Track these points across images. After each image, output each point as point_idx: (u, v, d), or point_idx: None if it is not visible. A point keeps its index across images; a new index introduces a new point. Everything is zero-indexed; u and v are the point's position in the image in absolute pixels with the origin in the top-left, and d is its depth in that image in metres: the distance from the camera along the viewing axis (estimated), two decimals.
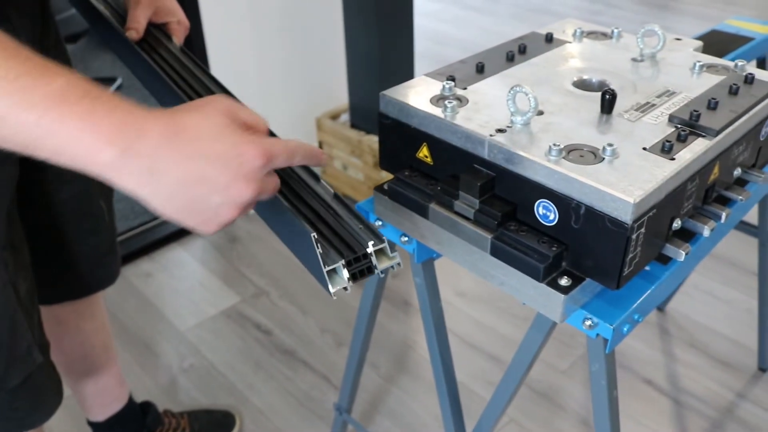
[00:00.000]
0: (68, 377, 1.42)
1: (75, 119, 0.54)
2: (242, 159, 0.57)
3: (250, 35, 2.25)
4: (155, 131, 0.56)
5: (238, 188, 0.57)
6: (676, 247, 0.75)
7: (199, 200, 0.57)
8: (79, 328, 1.36)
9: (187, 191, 0.56)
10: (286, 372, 1.85)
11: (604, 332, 0.74)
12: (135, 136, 0.55)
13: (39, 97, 0.53)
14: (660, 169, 0.69)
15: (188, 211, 0.58)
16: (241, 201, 0.58)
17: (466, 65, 0.91)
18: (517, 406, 1.73)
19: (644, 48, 0.95)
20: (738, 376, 1.81)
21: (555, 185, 0.69)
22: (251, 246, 2.35)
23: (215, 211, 0.58)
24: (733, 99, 0.82)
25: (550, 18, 4.51)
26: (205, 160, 0.56)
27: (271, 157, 0.59)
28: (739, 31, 1.45)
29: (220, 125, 0.58)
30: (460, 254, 0.80)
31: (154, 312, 2.07)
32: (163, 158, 0.56)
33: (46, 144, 0.54)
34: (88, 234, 1.23)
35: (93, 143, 0.54)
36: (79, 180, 1.17)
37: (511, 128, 0.76)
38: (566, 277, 0.72)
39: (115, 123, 0.55)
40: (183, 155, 0.56)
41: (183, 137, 0.56)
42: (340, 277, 0.63)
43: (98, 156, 0.55)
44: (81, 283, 1.29)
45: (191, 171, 0.56)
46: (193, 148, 0.56)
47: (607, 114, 0.79)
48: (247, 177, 0.57)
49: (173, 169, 0.56)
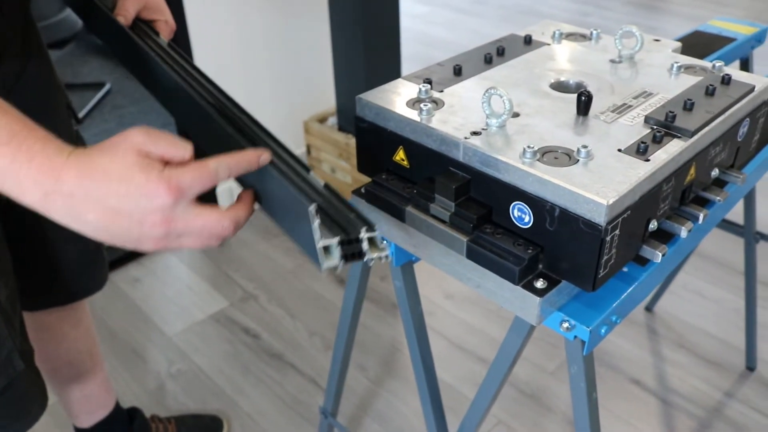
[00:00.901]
0: (54, 384, 1.41)
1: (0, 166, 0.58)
2: (149, 197, 0.59)
3: (236, 39, 2.24)
4: (70, 176, 0.59)
5: (151, 224, 0.60)
6: (652, 248, 0.75)
7: (122, 233, 0.60)
8: (65, 334, 1.35)
9: (108, 227, 0.60)
10: (275, 376, 1.85)
11: (581, 334, 0.73)
12: (53, 182, 0.59)
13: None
14: (634, 171, 0.69)
15: (119, 240, 0.61)
16: (156, 235, 0.60)
17: (443, 68, 0.91)
18: (504, 407, 1.73)
19: (622, 49, 0.95)
20: (726, 376, 1.81)
21: (529, 187, 0.69)
22: (240, 250, 2.34)
23: (140, 240, 0.61)
24: (710, 100, 0.82)
25: (539, 20, 4.51)
26: (115, 200, 0.59)
27: (180, 189, 0.60)
28: (721, 32, 1.45)
29: (130, 165, 0.60)
30: (437, 257, 0.80)
31: (142, 317, 2.07)
32: (79, 201, 0.59)
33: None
34: (72, 240, 1.22)
35: (17, 186, 0.59)
36: None
37: (486, 131, 0.75)
38: (542, 279, 0.72)
39: (34, 171, 0.58)
40: (95, 198, 0.59)
41: (94, 180, 0.59)
42: (332, 255, 0.63)
43: (24, 197, 0.59)
44: (66, 290, 1.28)
45: (105, 212, 0.59)
46: (104, 191, 0.59)
47: (583, 116, 0.79)
48: (157, 213, 0.60)
49: (90, 211, 0.60)
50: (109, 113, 3.19)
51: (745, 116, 0.85)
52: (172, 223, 0.60)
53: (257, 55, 2.32)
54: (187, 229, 0.62)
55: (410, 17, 4.64)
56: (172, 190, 0.60)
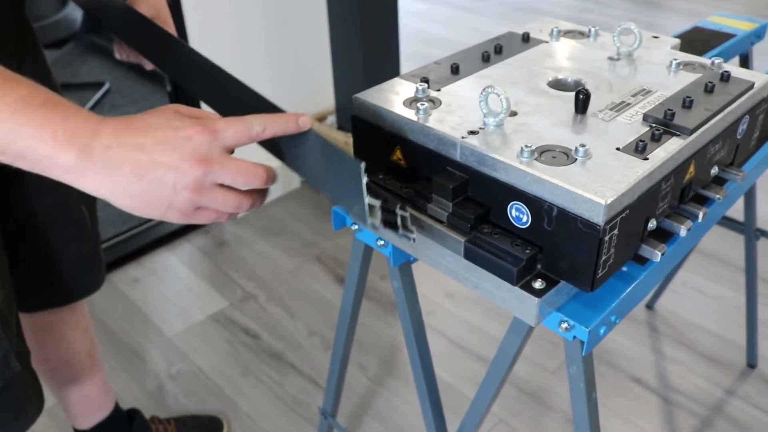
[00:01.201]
0: (52, 385, 1.41)
1: (35, 126, 0.58)
2: (187, 138, 0.61)
3: (235, 39, 2.24)
4: (107, 131, 0.60)
5: (189, 165, 0.60)
6: (651, 247, 0.75)
7: (155, 186, 0.61)
8: (63, 335, 1.35)
9: (141, 179, 0.60)
10: (275, 376, 1.84)
11: (580, 335, 0.73)
12: (90, 138, 0.59)
13: (1, 105, 0.58)
14: (633, 170, 0.68)
15: (149, 199, 0.61)
16: (193, 178, 0.61)
17: (440, 66, 0.90)
18: (505, 406, 1.72)
19: (621, 46, 0.95)
20: (727, 373, 1.80)
21: (527, 187, 0.69)
22: (239, 250, 2.34)
23: (173, 193, 0.61)
24: (709, 97, 0.81)
25: (538, 16, 4.50)
26: (152, 146, 0.60)
27: (215, 131, 0.62)
28: (721, 28, 1.44)
29: (166, 116, 0.63)
30: (434, 257, 0.79)
31: (142, 317, 2.06)
32: (115, 153, 0.60)
33: (8, 149, 0.59)
34: (70, 241, 1.22)
35: (52, 147, 0.59)
36: (59, 187, 1.16)
37: (483, 130, 0.75)
38: (540, 279, 0.71)
39: (71, 128, 0.59)
40: (133, 146, 0.60)
41: (132, 132, 0.61)
42: (375, 215, 0.66)
43: (58, 159, 0.59)
44: (64, 291, 1.28)
45: (142, 159, 0.60)
46: (142, 139, 0.61)
47: (582, 114, 0.79)
48: (193, 154, 0.61)
49: (126, 161, 0.60)
50: (108, 113, 3.19)
51: (744, 113, 0.84)
52: (209, 164, 0.61)
53: (256, 54, 2.31)
54: (223, 173, 0.62)
55: (409, 15, 4.63)
56: (207, 131, 0.62)
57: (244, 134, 0.64)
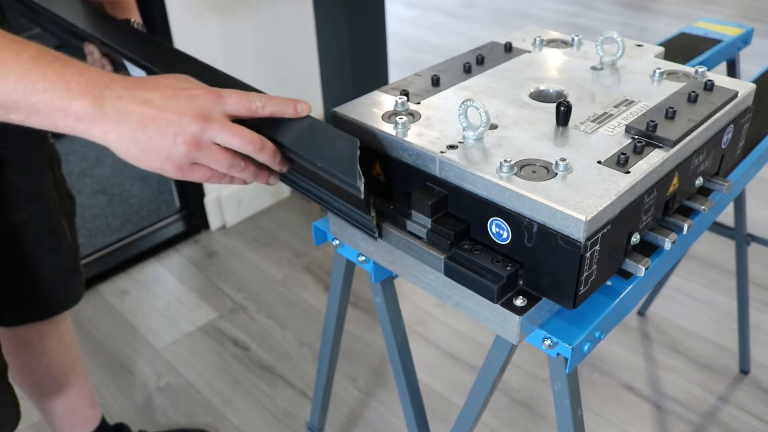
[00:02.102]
0: (36, 399, 1.39)
1: (48, 80, 0.62)
2: (192, 97, 0.66)
3: (222, 46, 2.22)
4: (119, 84, 0.65)
5: (189, 119, 0.65)
6: (635, 262, 0.73)
7: (157, 136, 0.65)
8: (45, 349, 1.34)
9: (146, 129, 0.64)
10: (264, 388, 1.82)
11: (564, 351, 0.72)
12: (102, 88, 0.64)
13: (13, 64, 0.62)
14: (614, 184, 0.67)
15: (150, 149, 0.65)
16: (192, 132, 0.65)
17: (421, 78, 0.89)
18: (496, 415, 1.71)
19: (604, 56, 0.94)
20: (720, 380, 1.79)
21: (506, 203, 0.67)
22: (228, 260, 2.32)
23: (172, 145, 0.65)
24: (692, 107, 0.80)
25: (528, 22, 4.51)
26: (160, 99, 0.65)
27: (220, 95, 0.68)
28: (707, 34, 1.43)
29: (177, 78, 0.68)
30: (415, 274, 0.78)
31: (131, 330, 2.04)
32: (125, 103, 0.64)
33: (22, 105, 0.63)
34: (49, 254, 1.20)
35: (66, 97, 0.63)
36: (39, 199, 1.15)
37: (463, 144, 0.74)
38: (522, 297, 0.70)
39: (84, 80, 0.64)
40: (142, 98, 0.65)
41: (142, 87, 0.66)
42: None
43: (71, 107, 0.63)
44: (44, 304, 1.26)
45: (148, 110, 0.64)
46: (151, 93, 0.65)
47: (563, 126, 0.77)
48: (195, 110, 0.65)
49: (133, 111, 0.64)
50: None
51: (728, 123, 0.83)
52: (209, 121, 0.66)
53: (244, 62, 2.30)
54: (221, 132, 0.66)
55: (399, 21, 4.62)
56: (212, 93, 0.67)
57: (245, 105, 0.69)
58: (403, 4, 4.96)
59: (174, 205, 2.54)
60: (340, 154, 0.68)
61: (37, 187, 1.15)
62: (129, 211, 2.56)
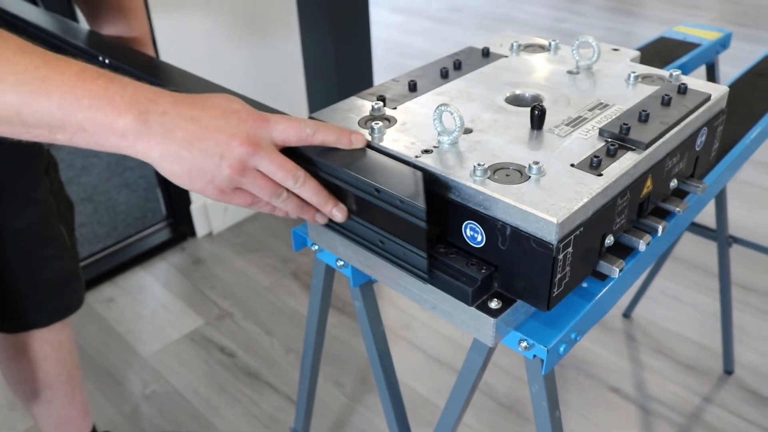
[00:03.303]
0: (31, 406, 1.39)
1: (93, 96, 0.62)
2: (241, 120, 0.66)
3: (206, 52, 2.22)
4: (166, 99, 0.64)
5: (237, 143, 0.64)
6: (609, 263, 0.74)
7: (202, 156, 0.64)
8: (45, 356, 1.33)
9: (191, 148, 0.63)
10: (251, 395, 1.82)
11: (540, 353, 0.72)
12: (147, 103, 0.63)
13: (57, 82, 0.61)
14: (586, 186, 0.67)
15: (194, 169, 0.64)
16: (238, 157, 0.64)
17: (398, 84, 0.89)
18: (482, 419, 1.71)
19: (580, 60, 0.94)
20: (704, 380, 1.80)
21: (480, 206, 0.68)
22: (215, 267, 2.32)
23: (217, 168, 0.64)
24: (666, 110, 0.81)
25: (514, 26, 4.53)
26: (208, 119, 0.64)
27: (268, 120, 0.67)
28: (686, 38, 1.45)
29: (227, 98, 0.68)
30: (392, 278, 0.78)
31: (117, 338, 2.04)
32: (171, 119, 0.63)
33: (67, 124, 0.62)
34: (49, 260, 1.21)
35: (110, 113, 0.62)
36: (36, 206, 1.15)
37: (438, 148, 0.74)
38: (497, 299, 0.70)
39: (129, 95, 0.63)
40: (189, 117, 0.64)
41: (190, 103, 0.65)
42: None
43: (116, 124, 0.62)
44: (45, 311, 1.26)
45: (195, 129, 0.64)
46: (199, 112, 0.65)
47: (537, 130, 0.78)
48: (243, 135, 0.65)
49: (179, 127, 0.63)
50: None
51: (702, 125, 0.84)
52: (257, 148, 0.65)
53: (229, 68, 2.30)
54: (266, 161, 0.66)
55: (385, 27, 4.64)
56: (261, 118, 0.67)
57: (294, 132, 0.69)
58: (389, 10, 4.98)
59: (160, 212, 2.54)
60: (402, 181, 0.67)
61: (34, 194, 1.15)
62: (115, 218, 2.56)
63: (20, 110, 0.61)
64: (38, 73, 0.61)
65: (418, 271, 0.71)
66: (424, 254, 0.68)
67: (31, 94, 0.60)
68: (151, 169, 2.64)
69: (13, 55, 0.61)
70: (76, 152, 2.99)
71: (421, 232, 0.66)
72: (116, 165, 2.90)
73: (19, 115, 0.61)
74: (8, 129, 0.63)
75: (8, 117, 0.61)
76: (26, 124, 0.62)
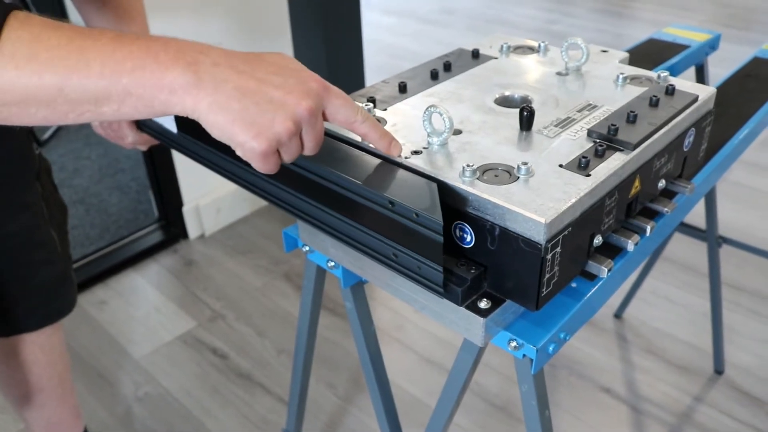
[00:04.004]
0: (22, 410, 1.39)
1: (135, 57, 0.58)
2: (302, 80, 0.62)
3: None
4: (217, 52, 0.60)
5: (295, 101, 0.60)
6: (598, 263, 0.75)
7: (254, 108, 0.59)
8: (36, 360, 1.33)
9: (242, 98, 0.59)
10: (243, 396, 1.82)
11: (529, 353, 0.73)
12: (196, 54, 0.59)
13: (94, 51, 0.57)
14: (574, 187, 0.68)
15: (239, 121, 0.59)
16: (296, 114, 0.60)
17: (388, 85, 0.90)
18: (474, 420, 1.72)
19: (569, 61, 0.95)
20: (695, 380, 1.81)
21: (469, 207, 0.68)
22: (207, 269, 2.32)
23: (270, 121, 0.59)
24: (653, 111, 0.82)
25: (506, 28, 4.54)
26: (262, 72, 0.60)
27: (329, 89, 0.64)
28: (676, 39, 1.46)
29: (282, 56, 0.64)
30: (382, 279, 0.78)
31: (109, 340, 2.04)
32: (223, 70, 0.59)
33: (113, 92, 0.58)
34: (40, 265, 1.20)
35: (156, 69, 0.58)
36: (26, 211, 1.15)
37: (427, 149, 0.75)
38: (486, 299, 0.71)
39: (173, 50, 0.59)
40: (243, 70, 0.60)
41: (244, 57, 0.61)
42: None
43: (164, 77, 0.58)
44: (35, 315, 1.26)
45: (249, 81, 0.59)
46: (252, 65, 0.61)
47: (526, 131, 0.79)
48: (303, 95, 0.61)
49: (232, 78, 0.59)
50: (75, 133, 3.16)
51: (689, 126, 0.85)
52: (313, 110, 0.61)
53: None
54: (313, 130, 0.62)
55: (377, 28, 4.64)
56: (324, 84, 0.63)
57: (345, 112, 0.66)
58: (381, 12, 4.98)
59: (152, 214, 2.53)
60: (417, 193, 0.66)
61: (24, 199, 1.15)
62: (107, 221, 2.56)
63: (61, 87, 0.57)
64: (72, 45, 0.57)
65: (433, 285, 0.68)
66: (440, 268, 0.66)
67: (70, 68, 0.57)
68: (143, 170, 2.64)
69: (41, 31, 0.57)
70: (68, 154, 2.99)
71: (437, 246, 0.64)
72: (108, 167, 2.90)
73: (61, 92, 0.58)
74: (52, 111, 0.59)
75: (50, 97, 0.58)
76: (70, 102, 0.58)
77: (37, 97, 0.58)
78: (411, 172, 0.71)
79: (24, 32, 0.57)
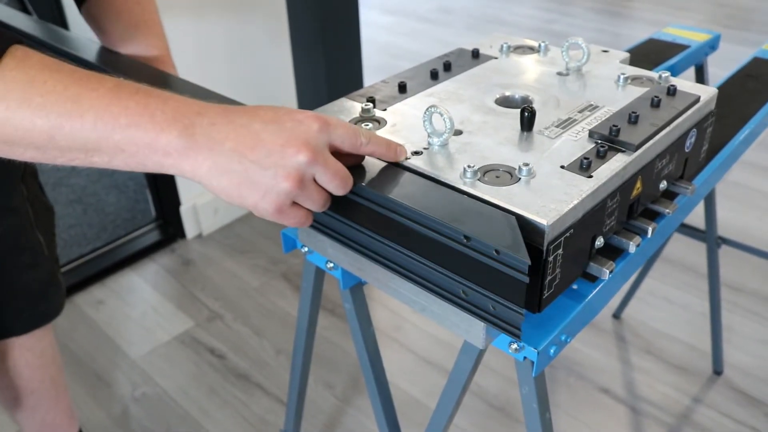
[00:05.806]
0: (15, 412, 1.38)
1: (131, 114, 0.56)
2: (297, 122, 0.59)
3: (197, 61, 2.22)
4: (213, 110, 0.58)
5: (294, 149, 0.58)
6: (599, 265, 0.74)
7: (254, 168, 0.57)
8: (26, 363, 1.32)
9: (242, 159, 0.57)
10: (241, 396, 1.82)
11: (530, 355, 0.72)
12: (192, 116, 0.57)
13: (91, 101, 0.56)
14: (576, 188, 0.67)
15: (245, 182, 0.58)
16: (296, 165, 0.58)
17: (388, 85, 0.89)
18: (473, 421, 1.71)
19: (570, 61, 0.94)
20: (694, 381, 1.81)
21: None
22: (205, 269, 2.31)
23: (272, 180, 0.58)
24: (655, 112, 0.81)
25: (505, 28, 4.54)
26: (259, 125, 0.58)
27: (327, 123, 0.61)
28: (675, 39, 1.45)
29: (276, 107, 0.61)
30: (382, 280, 0.78)
31: (106, 340, 2.03)
32: (221, 128, 0.57)
33: (104, 145, 0.57)
34: (26, 269, 1.19)
35: (151, 130, 0.56)
36: (11, 215, 1.14)
37: (428, 150, 0.74)
38: None
39: (171, 109, 0.57)
40: (239, 124, 0.58)
41: (240, 112, 0.59)
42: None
43: (158, 141, 0.56)
44: (22, 319, 1.25)
45: (247, 137, 0.57)
46: (249, 119, 0.58)
47: (527, 131, 0.78)
48: (300, 139, 0.58)
49: (228, 137, 0.57)
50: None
51: (691, 127, 0.84)
52: (314, 154, 0.59)
53: (218, 70, 2.29)
54: (324, 169, 0.60)
55: (375, 28, 4.64)
56: (320, 119, 0.60)
57: (350, 139, 0.63)
58: (379, 11, 4.98)
59: (150, 214, 2.53)
60: (494, 227, 0.61)
61: (8, 203, 1.14)
62: (104, 220, 2.55)
63: (52, 134, 0.55)
64: (68, 93, 0.55)
65: (510, 327, 0.63)
66: (521, 311, 0.61)
67: (63, 116, 0.55)
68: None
69: (37, 74, 0.56)
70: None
71: (520, 287, 0.59)
72: None
73: (51, 139, 0.56)
74: (41, 154, 0.58)
75: (40, 142, 0.56)
76: (60, 149, 0.57)
77: (26, 140, 0.56)
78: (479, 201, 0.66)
79: (19, 73, 0.55)
